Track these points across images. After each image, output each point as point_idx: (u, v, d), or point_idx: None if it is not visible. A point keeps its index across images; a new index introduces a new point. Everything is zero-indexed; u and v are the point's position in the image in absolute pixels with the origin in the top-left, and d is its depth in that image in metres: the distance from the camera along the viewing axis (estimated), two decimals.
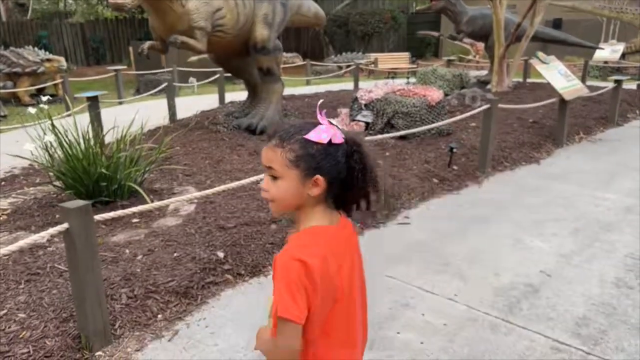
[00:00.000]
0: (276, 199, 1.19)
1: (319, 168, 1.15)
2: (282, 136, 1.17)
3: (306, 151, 1.15)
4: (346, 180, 1.18)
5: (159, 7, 5.03)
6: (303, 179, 1.15)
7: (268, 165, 1.18)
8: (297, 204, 1.19)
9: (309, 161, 1.14)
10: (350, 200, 1.23)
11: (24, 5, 26.99)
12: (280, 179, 1.17)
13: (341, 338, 1.22)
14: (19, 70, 12.14)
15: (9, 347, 2.27)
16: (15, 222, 3.61)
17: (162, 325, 2.58)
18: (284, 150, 1.15)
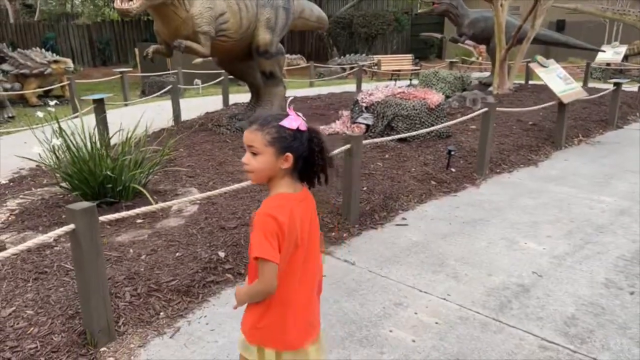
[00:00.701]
0: (255, 171, 1.53)
1: (289, 147, 1.50)
2: (262, 122, 1.52)
3: (280, 134, 1.49)
4: (308, 158, 1.55)
5: (164, 12, 5.15)
6: (277, 155, 1.50)
7: (250, 144, 1.52)
8: (271, 175, 1.54)
9: (282, 142, 1.50)
10: (311, 174, 1.59)
11: (32, 6, 27.26)
12: (260, 155, 1.51)
13: (299, 276, 1.57)
14: (27, 71, 12.29)
15: (17, 343, 2.38)
16: (23, 222, 3.73)
17: (164, 323, 2.68)
18: (263, 133, 1.50)
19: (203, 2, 5.40)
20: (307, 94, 11.14)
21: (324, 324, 2.67)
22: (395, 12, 23.32)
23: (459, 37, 11.44)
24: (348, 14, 22.91)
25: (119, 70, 12.01)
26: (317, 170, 1.58)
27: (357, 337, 2.59)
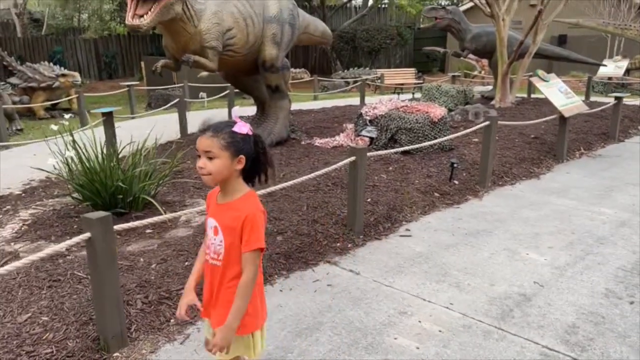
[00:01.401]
0: (213, 173, 1.69)
1: (242, 150, 1.70)
2: (215, 129, 1.69)
3: (234, 139, 1.68)
4: (254, 159, 1.75)
5: (173, 28, 5.28)
6: (232, 158, 1.69)
7: (207, 149, 1.67)
8: (226, 176, 1.71)
9: (236, 145, 1.68)
10: (255, 173, 1.80)
11: (39, 21, 27.66)
12: (216, 159, 1.67)
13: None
14: (35, 85, 12.50)
15: (33, 348, 2.45)
16: (36, 231, 3.82)
17: (174, 329, 2.76)
18: (218, 138, 1.67)
19: (211, 18, 5.55)
20: (312, 107, 11.27)
21: (330, 332, 2.75)
22: (398, 27, 23.58)
23: (461, 52, 11.58)
24: (351, 29, 23.18)
25: (126, 83, 12.19)
26: (261, 169, 1.79)
27: (362, 345, 2.65)
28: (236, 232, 1.70)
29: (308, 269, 3.52)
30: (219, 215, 1.76)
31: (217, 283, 1.79)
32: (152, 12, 4.68)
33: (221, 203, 1.79)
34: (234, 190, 1.76)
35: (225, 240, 1.73)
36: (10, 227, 3.96)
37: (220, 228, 1.74)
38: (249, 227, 1.68)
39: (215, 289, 1.81)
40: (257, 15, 6.17)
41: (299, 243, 3.76)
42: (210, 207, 1.84)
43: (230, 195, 1.76)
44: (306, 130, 7.79)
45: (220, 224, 1.75)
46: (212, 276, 1.81)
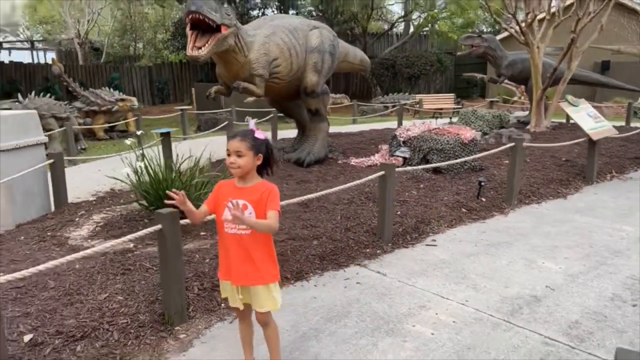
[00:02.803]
0: (241, 167, 2.29)
1: (260, 150, 2.32)
2: (243, 135, 2.31)
3: (255, 142, 2.31)
4: (266, 158, 2.36)
5: (226, 58, 5.95)
6: (254, 156, 2.30)
7: (237, 150, 2.27)
8: (250, 169, 2.32)
9: (257, 147, 2.31)
10: (265, 168, 2.40)
11: (99, 50, 29.71)
12: (244, 157, 2.28)
13: None
14: (96, 108, 13.61)
15: (112, 319, 3.00)
16: (108, 232, 4.45)
17: (224, 312, 3.26)
18: (245, 141, 2.28)
19: (259, 49, 6.19)
20: (350, 130, 11.80)
21: (357, 318, 3.18)
22: (439, 53, 24.02)
23: (497, 78, 11.90)
24: (392, 55, 23.80)
25: (179, 107, 13.11)
26: (269, 165, 2.40)
27: (384, 330, 3.07)
28: (262, 203, 2.29)
29: (340, 270, 3.97)
30: (245, 195, 2.31)
31: (244, 248, 2.33)
32: (209, 45, 5.34)
33: (242, 187, 2.35)
34: (253, 178, 2.36)
35: (255, 211, 2.29)
36: (86, 227, 4.61)
37: (250, 203, 2.29)
38: (270, 196, 2.30)
39: (242, 253, 2.33)
40: (301, 45, 6.79)
41: (333, 247, 4.22)
42: (227, 193, 2.36)
43: (250, 182, 2.36)
44: (343, 151, 8.30)
45: (248, 201, 2.30)
46: (238, 244, 2.34)
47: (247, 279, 2.36)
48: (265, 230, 2.28)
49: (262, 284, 2.37)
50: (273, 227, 2.27)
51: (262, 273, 2.36)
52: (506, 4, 10.31)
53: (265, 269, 2.37)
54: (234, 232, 2.33)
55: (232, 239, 2.35)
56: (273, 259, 2.44)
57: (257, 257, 2.35)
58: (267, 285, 2.39)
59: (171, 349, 2.86)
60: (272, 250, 2.44)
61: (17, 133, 5.00)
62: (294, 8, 25.27)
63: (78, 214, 5.04)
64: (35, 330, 2.83)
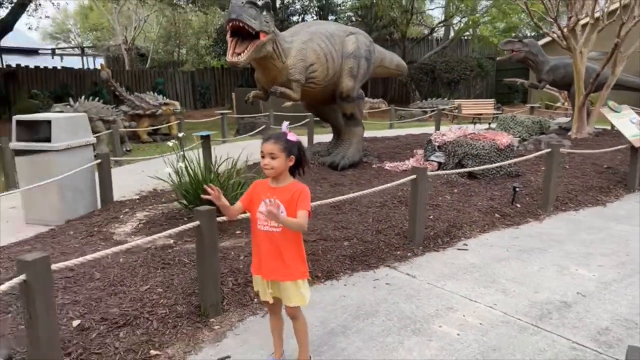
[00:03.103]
0: (275, 168, 2.41)
1: (292, 152, 2.44)
2: (276, 137, 2.43)
3: (288, 145, 2.42)
4: (298, 159, 2.48)
5: (264, 63, 6.14)
6: (287, 158, 2.43)
7: (271, 152, 2.40)
8: (282, 170, 2.44)
9: (289, 149, 2.43)
10: (296, 168, 2.52)
11: (144, 55, 30.79)
12: (277, 159, 2.40)
13: None
14: (141, 112, 14.12)
15: (152, 309, 3.19)
16: (150, 229, 4.69)
17: (257, 307, 3.40)
18: (278, 144, 2.40)
19: (296, 55, 6.36)
20: (386, 135, 11.84)
21: (384, 317, 3.27)
22: (479, 58, 23.68)
23: (538, 83, 11.69)
24: (431, 60, 23.62)
25: (220, 112, 13.47)
26: (301, 166, 2.52)
27: (410, 329, 3.14)
28: (293, 202, 2.41)
29: (369, 270, 4.06)
30: (278, 195, 2.43)
31: (275, 245, 2.46)
32: (248, 51, 5.54)
33: (275, 187, 2.47)
34: (285, 179, 2.50)
35: (286, 210, 2.41)
36: (130, 224, 4.87)
37: (282, 203, 2.41)
38: (301, 196, 2.43)
39: (273, 249, 2.46)
40: (337, 51, 6.92)
41: (363, 249, 4.31)
42: (261, 192, 2.50)
43: (283, 182, 2.49)
44: (378, 155, 8.37)
45: (281, 200, 2.42)
46: (269, 241, 2.47)
47: (277, 275, 2.50)
48: (296, 228, 2.41)
49: (290, 279, 2.50)
50: (302, 226, 2.40)
51: (291, 269, 2.49)
52: (548, 8, 10.14)
53: (294, 265, 2.50)
54: (266, 229, 2.47)
55: (264, 236, 2.49)
56: (302, 256, 2.56)
57: (287, 254, 2.48)
58: (296, 281, 2.51)
59: (206, 339, 3.02)
60: (301, 248, 2.56)
61: (68, 134, 5.33)
62: (334, 14, 25.48)
63: (122, 212, 5.32)
64: (82, 317, 3.05)
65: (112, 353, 2.78)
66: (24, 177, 5.33)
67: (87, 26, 38.94)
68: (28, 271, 2.24)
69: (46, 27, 40.07)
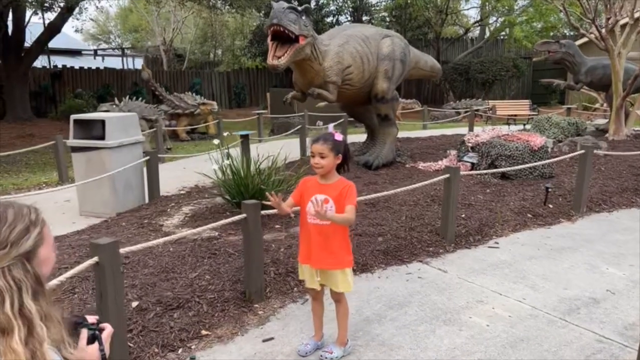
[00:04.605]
0: (324, 167, 2.64)
1: (339, 151, 2.66)
2: (325, 138, 2.65)
3: (335, 144, 2.65)
4: (343, 156, 2.68)
5: (302, 66, 6.40)
6: (335, 156, 2.64)
7: (320, 152, 2.62)
8: (331, 168, 2.66)
9: (337, 148, 2.65)
10: (342, 166, 2.72)
11: (182, 56, 31.60)
12: (326, 158, 2.63)
13: None
14: (180, 111, 14.63)
15: (202, 293, 3.48)
16: (195, 222, 5.00)
17: (297, 295, 3.65)
18: (327, 144, 2.63)
19: (333, 57, 6.59)
20: (419, 135, 11.95)
21: (417, 308, 3.46)
22: (515, 59, 23.39)
23: (575, 84, 11.58)
24: (465, 61, 23.48)
25: (256, 112, 13.84)
26: (346, 163, 2.72)
27: (442, 319, 3.32)
28: (342, 198, 2.64)
29: (402, 265, 4.25)
30: (327, 191, 2.68)
31: (324, 237, 2.68)
32: (288, 54, 5.80)
33: (324, 184, 2.71)
34: (333, 176, 2.72)
35: (335, 205, 2.64)
36: (177, 217, 5.20)
37: (331, 198, 2.65)
38: (349, 192, 2.65)
39: (322, 241, 2.69)
40: (372, 53, 7.11)
41: (396, 244, 4.50)
42: (311, 188, 2.74)
43: (331, 179, 2.72)
44: (411, 155, 8.52)
45: (330, 196, 2.66)
46: (318, 233, 2.70)
47: (326, 264, 2.72)
48: (343, 222, 2.65)
49: (338, 268, 2.73)
50: (350, 219, 2.63)
51: (339, 259, 2.72)
52: (586, 9, 10.06)
53: (341, 255, 2.73)
54: (316, 222, 2.69)
55: (313, 228, 2.72)
56: (348, 247, 2.79)
57: (335, 245, 2.70)
58: (343, 269, 2.75)
59: (251, 322, 3.28)
60: (347, 239, 2.79)
61: (120, 133, 5.71)
62: (368, 14, 25.60)
63: (169, 206, 5.67)
64: (140, 299, 3.36)
65: (168, 331, 3.07)
66: (80, 172, 5.74)
67: (127, 28, 40.20)
68: (101, 254, 2.54)
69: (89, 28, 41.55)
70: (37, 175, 8.92)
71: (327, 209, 2.58)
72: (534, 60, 14.12)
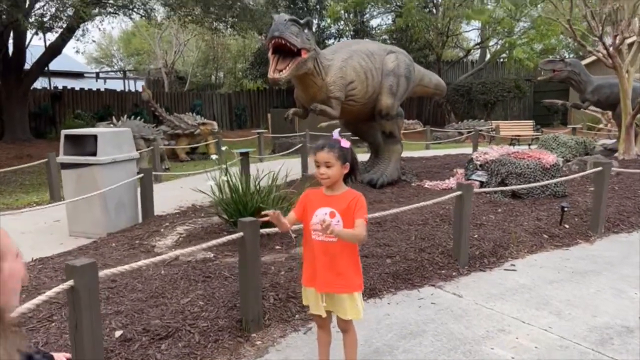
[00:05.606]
0: (331, 177, 2.35)
1: (346, 159, 2.37)
2: (330, 146, 2.36)
3: (342, 152, 2.35)
4: (350, 165, 2.40)
5: (305, 80, 6.16)
6: (342, 165, 2.35)
7: (326, 161, 2.33)
8: (338, 178, 2.37)
9: (344, 156, 2.36)
10: (349, 175, 2.44)
11: (183, 78, 31.66)
12: (333, 167, 2.34)
13: None
14: (180, 131, 14.42)
15: (194, 322, 3.14)
16: (190, 242, 4.68)
17: (298, 323, 3.31)
18: (333, 152, 2.33)
19: (336, 72, 6.36)
20: (423, 155, 11.69)
21: (432, 338, 3.12)
22: (516, 79, 23.32)
23: (581, 103, 11.36)
24: (467, 82, 23.41)
25: (257, 131, 13.61)
26: (353, 172, 2.44)
27: (461, 350, 2.98)
28: (350, 211, 2.33)
29: (414, 289, 3.91)
30: (333, 203, 2.37)
31: (330, 255, 2.37)
32: (289, 68, 5.57)
33: (330, 195, 2.41)
34: (340, 187, 2.42)
35: (342, 219, 2.32)
36: (170, 237, 4.88)
37: (338, 212, 2.34)
38: (358, 205, 2.34)
39: (328, 261, 2.37)
40: (377, 69, 6.89)
41: (406, 267, 4.17)
42: (315, 201, 2.43)
43: (338, 190, 2.42)
44: (416, 174, 8.23)
45: (337, 209, 2.35)
46: (324, 252, 2.37)
47: (332, 287, 2.40)
48: (353, 239, 2.33)
49: (347, 292, 2.40)
50: (360, 236, 2.32)
51: (347, 281, 2.40)
52: (593, 27, 9.89)
53: (350, 277, 2.41)
54: (322, 239, 2.38)
55: (319, 246, 2.40)
56: (358, 268, 2.47)
57: (343, 265, 2.38)
58: (352, 294, 2.42)
59: (247, 354, 2.94)
60: (357, 259, 2.47)
61: (113, 149, 5.43)
62: (369, 37, 25.66)
63: (163, 226, 5.35)
64: (125, 328, 3.03)
65: None
66: (70, 190, 5.45)
67: (129, 51, 40.44)
68: (76, 277, 2.23)
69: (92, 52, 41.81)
70: (30, 195, 8.64)
71: (334, 223, 2.27)
72: (538, 79, 13.93)
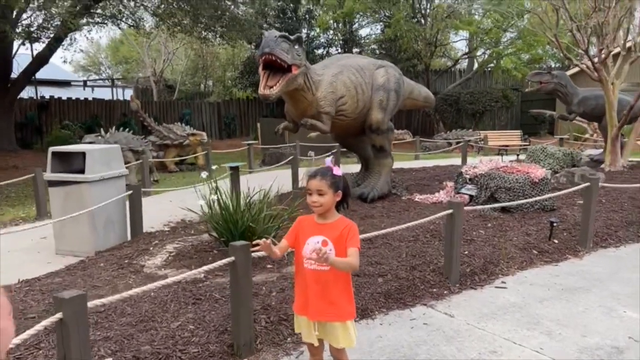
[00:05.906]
0: (323, 205, 2.35)
1: (339, 187, 2.38)
2: (322, 173, 2.36)
3: (334, 180, 2.36)
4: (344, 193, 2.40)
5: (295, 96, 6.17)
6: (334, 193, 2.36)
7: (319, 189, 2.33)
8: (330, 206, 2.37)
9: (336, 184, 2.37)
10: (341, 203, 2.44)
11: (172, 87, 31.54)
12: (325, 195, 2.34)
13: None
14: (169, 142, 14.34)
15: (184, 347, 3.10)
16: (179, 262, 4.64)
17: (290, 346, 3.28)
18: (326, 180, 2.34)
19: (327, 87, 6.38)
20: (413, 166, 11.74)
21: None
22: (504, 89, 23.56)
23: (568, 115, 11.51)
24: (455, 92, 23.60)
25: (246, 142, 13.58)
26: (344, 200, 2.44)
27: None
28: (342, 239, 2.33)
29: (406, 309, 3.91)
30: (325, 232, 2.36)
31: (322, 283, 2.36)
32: (280, 84, 5.57)
33: (322, 223, 2.40)
34: (332, 215, 2.42)
35: (335, 248, 2.32)
36: (159, 257, 4.84)
37: (330, 240, 2.33)
38: (350, 233, 2.34)
39: (320, 289, 2.36)
40: (367, 84, 6.92)
41: (398, 285, 4.17)
42: (307, 228, 2.42)
43: (330, 218, 2.41)
44: (407, 187, 8.25)
45: (329, 237, 2.34)
46: (316, 280, 2.36)
47: (325, 315, 2.39)
48: (346, 268, 2.32)
49: (339, 320, 2.39)
50: (354, 265, 2.31)
51: (339, 310, 2.38)
52: (578, 40, 10.05)
53: (342, 306, 2.39)
54: (314, 267, 2.37)
55: (311, 275, 2.38)
56: (350, 295, 2.46)
57: (335, 294, 2.37)
58: (345, 322, 2.40)
59: None
60: (350, 287, 2.47)
61: (102, 166, 5.38)
62: (358, 47, 25.80)
63: (152, 244, 5.30)
64: (114, 354, 2.98)
65: None
66: (57, 207, 5.38)
67: (117, 59, 40.25)
68: (65, 309, 2.19)
69: (79, 60, 41.54)
70: (16, 208, 8.52)
71: (327, 251, 2.26)
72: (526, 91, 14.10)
